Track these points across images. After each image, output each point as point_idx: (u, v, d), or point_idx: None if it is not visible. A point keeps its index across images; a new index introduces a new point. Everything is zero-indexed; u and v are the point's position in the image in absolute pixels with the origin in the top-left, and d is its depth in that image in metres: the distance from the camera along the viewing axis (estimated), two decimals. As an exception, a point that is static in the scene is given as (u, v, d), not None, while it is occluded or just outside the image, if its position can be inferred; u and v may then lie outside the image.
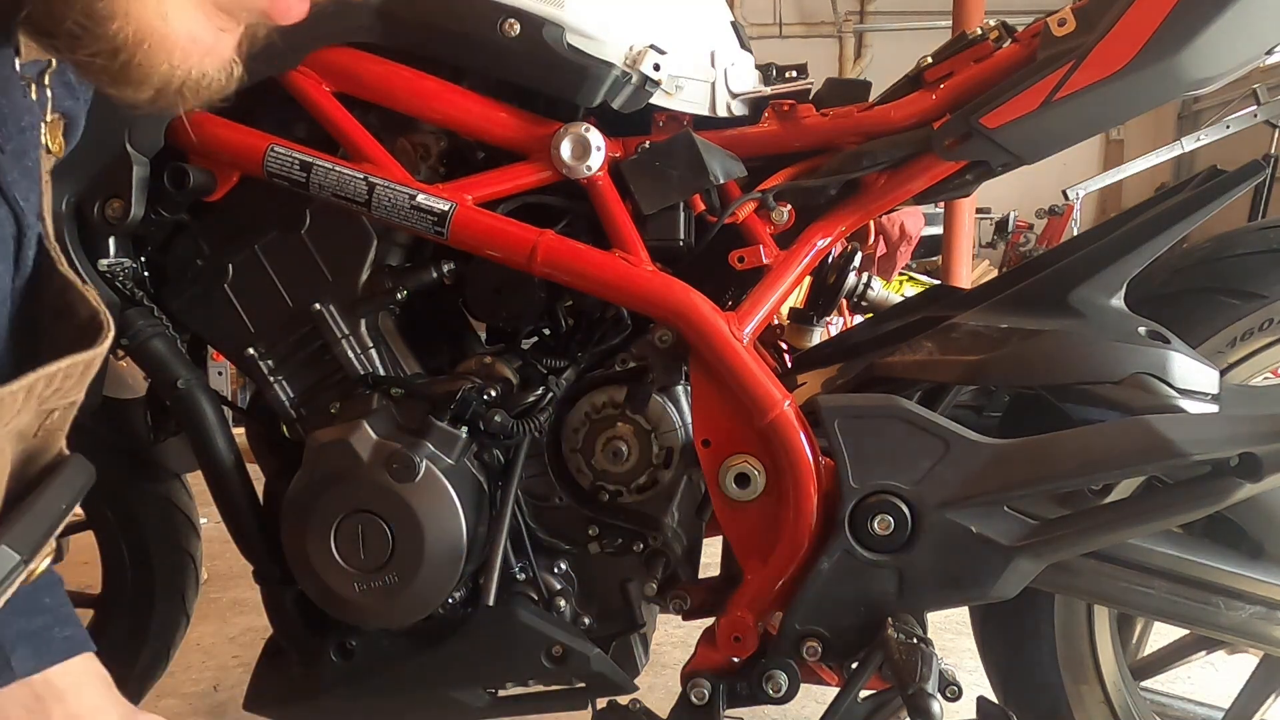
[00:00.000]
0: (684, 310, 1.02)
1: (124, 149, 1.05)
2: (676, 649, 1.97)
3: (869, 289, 1.42)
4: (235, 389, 3.71)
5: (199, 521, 1.59)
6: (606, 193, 1.07)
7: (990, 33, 1.07)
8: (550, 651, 1.09)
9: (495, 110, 1.08)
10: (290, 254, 1.12)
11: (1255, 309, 1.05)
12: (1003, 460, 0.98)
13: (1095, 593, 1.08)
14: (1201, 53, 0.95)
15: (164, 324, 1.14)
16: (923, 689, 0.91)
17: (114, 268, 1.12)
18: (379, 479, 1.06)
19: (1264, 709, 1.22)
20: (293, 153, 1.05)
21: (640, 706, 1.11)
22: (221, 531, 1.20)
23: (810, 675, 1.11)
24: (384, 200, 1.04)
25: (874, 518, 0.99)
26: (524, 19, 1.02)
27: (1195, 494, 0.97)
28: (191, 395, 1.13)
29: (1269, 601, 1.05)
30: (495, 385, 1.09)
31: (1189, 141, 5.12)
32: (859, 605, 1.02)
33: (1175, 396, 0.95)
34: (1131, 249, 1.01)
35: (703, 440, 1.04)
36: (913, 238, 2.60)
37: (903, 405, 1.00)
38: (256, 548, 1.17)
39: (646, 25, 1.07)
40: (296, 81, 1.07)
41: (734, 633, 1.07)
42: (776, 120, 1.11)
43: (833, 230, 1.11)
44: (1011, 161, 1.02)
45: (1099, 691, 1.18)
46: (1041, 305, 1.02)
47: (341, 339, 1.11)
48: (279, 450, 1.19)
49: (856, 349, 1.22)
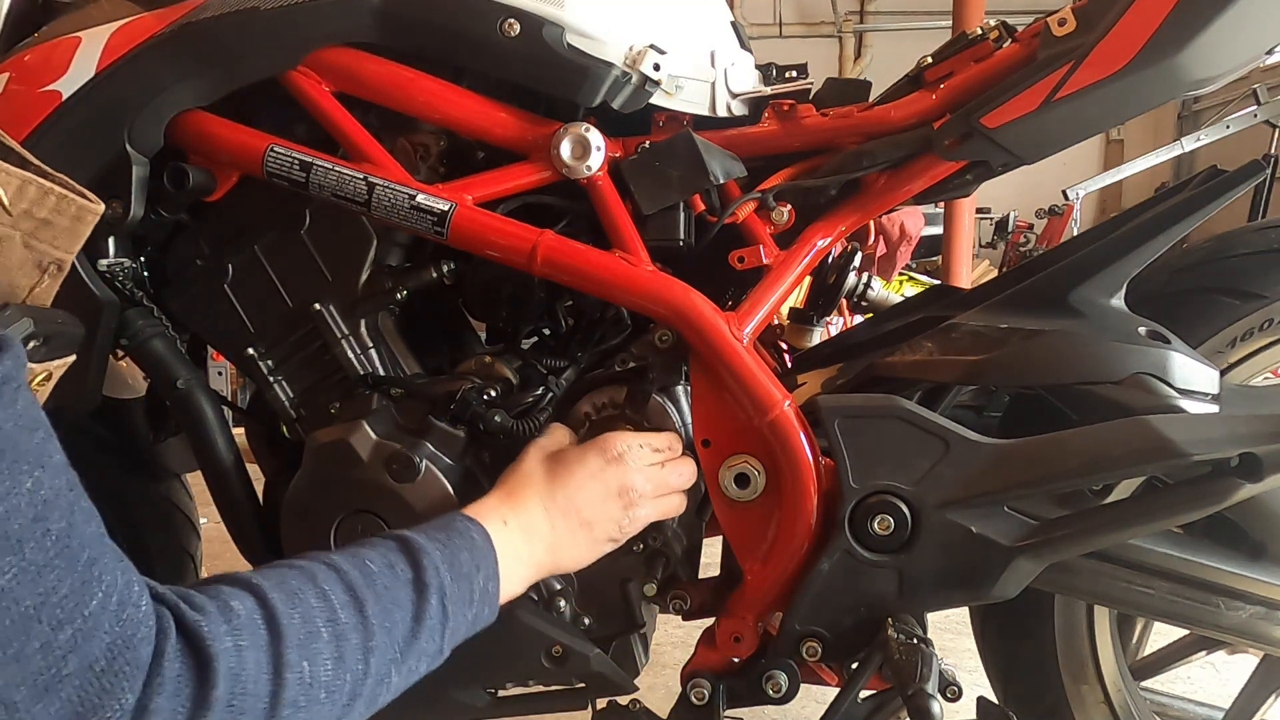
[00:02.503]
0: (684, 310, 1.02)
1: (124, 149, 1.05)
2: (676, 649, 1.97)
3: (869, 289, 1.42)
4: (235, 389, 3.72)
5: (199, 521, 1.59)
6: (606, 193, 1.07)
7: (990, 33, 1.07)
8: (550, 651, 1.09)
9: (495, 110, 1.08)
10: (290, 254, 1.12)
11: (1255, 309, 1.05)
12: (1003, 460, 0.98)
13: (1095, 593, 1.08)
14: (1201, 53, 0.95)
15: (164, 324, 1.14)
16: (923, 689, 0.91)
17: (114, 268, 1.12)
18: (379, 479, 1.06)
19: (1264, 709, 1.22)
20: (293, 153, 1.05)
21: (640, 706, 1.11)
22: (221, 531, 1.20)
23: (810, 675, 1.11)
24: (384, 200, 1.03)
25: (874, 518, 0.99)
26: (524, 19, 1.02)
27: (1195, 494, 0.97)
28: (191, 395, 1.13)
29: (1269, 601, 1.05)
30: (495, 385, 1.09)
31: (1189, 141, 5.12)
32: (859, 605, 1.02)
33: (1175, 396, 0.95)
34: (1131, 249, 1.01)
35: (703, 440, 1.04)
36: (913, 238, 2.59)
37: (903, 405, 1.00)
38: (256, 548, 1.17)
39: (646, 25, 1.07)
40: (296, 81, 1.06)
41: (734, 633, 1.07)
42: (776, 120, 1.11)
43: (833, 230, 1.11)
44: (1011, 161, 1.02)
45: (1099, 691, 1.18)
46: (1041, 305, 1.02)
47: (341, 339, 1.11)
48: (279, 450, 1.19)
49: (856, 349, 1.21)
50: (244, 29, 1.05)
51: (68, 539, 0.53)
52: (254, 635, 0.62)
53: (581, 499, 0.95)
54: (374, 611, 0.71)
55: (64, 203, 0.69)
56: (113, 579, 0.55)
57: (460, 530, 0.85)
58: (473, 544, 0.84)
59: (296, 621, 0.65)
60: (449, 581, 0.78)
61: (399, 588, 0.75)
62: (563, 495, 0.95)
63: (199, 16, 1.05)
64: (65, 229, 0.70)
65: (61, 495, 0.54)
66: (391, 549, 0.78)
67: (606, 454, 0.97)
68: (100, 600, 0.54)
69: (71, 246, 0.71)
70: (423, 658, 0.76)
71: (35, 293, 0.70)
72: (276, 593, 0.66)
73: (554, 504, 0.94)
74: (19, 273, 0.69)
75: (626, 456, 0.98)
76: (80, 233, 0.72)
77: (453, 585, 0.79)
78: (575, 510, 0.95)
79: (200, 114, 1.07)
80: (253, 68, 1.06)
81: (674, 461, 1.03)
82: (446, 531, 0.83)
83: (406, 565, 0.77)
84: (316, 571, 0.71)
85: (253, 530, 1.16)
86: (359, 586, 0.72)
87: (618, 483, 0.97)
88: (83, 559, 0.54)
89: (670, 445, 1.04)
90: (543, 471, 0.96)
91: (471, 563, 0.83)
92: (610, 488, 0.97)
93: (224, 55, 1.05)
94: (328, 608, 0.69)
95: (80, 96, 1.05)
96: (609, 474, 0.97)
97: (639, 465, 0.98)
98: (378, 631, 0.71)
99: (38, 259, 0.69)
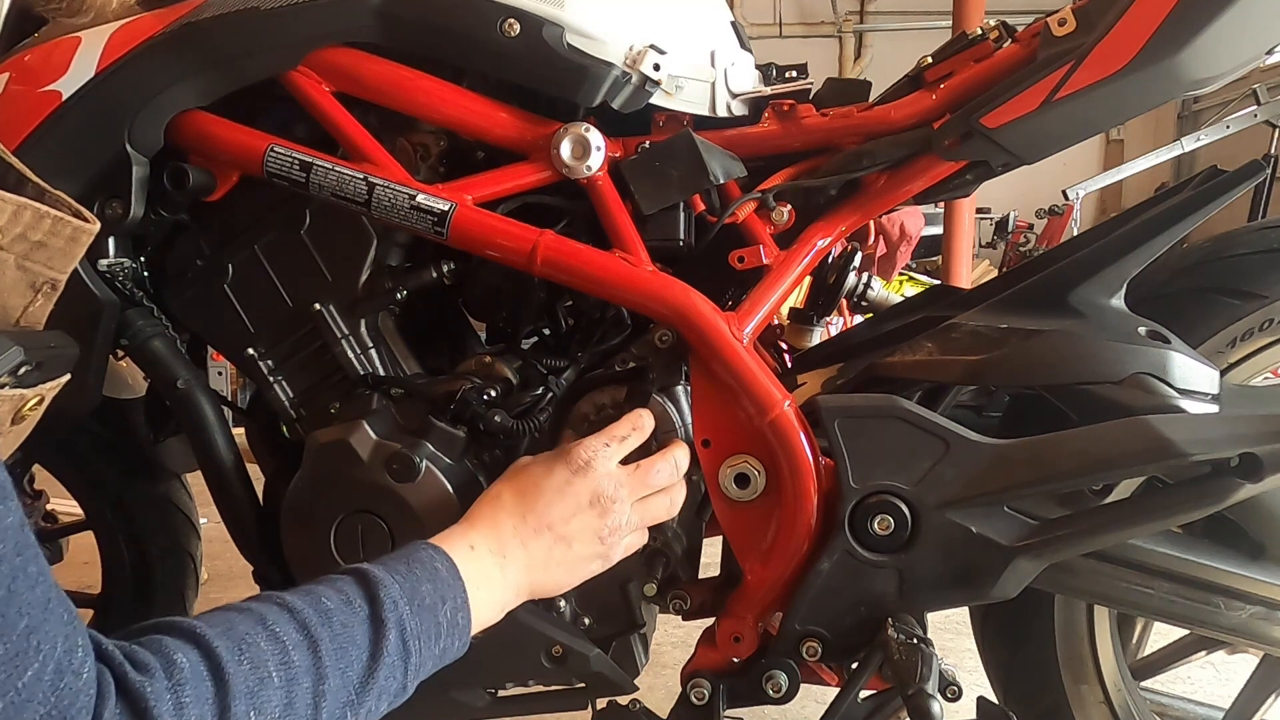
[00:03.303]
0: (684, 310, 1.02)
1: (124, 149, 1.05)
2: (676, 649, 1.97)
3: (869, 289, 1.42)
4: (235, 389, 3.72)
5: (199, 521, 1.60)
6: (606, 193, 1.07)
7: (990, 33, 1.07)
8: (550, 651, 1.09)
9: (495, 110, 1.08)
10: (290, 254, 1.12)
11: (1255, 309, 1.05)
12: (1003, 460, 0.98)
13: (1095, 593, 1.08)
14: (1201, 53, 0.94)
15: (164, 324, 1.14)
16: (923, 689, 0.91)
17: (114, 268, 1.12)
18: (379, 479, 1.06)
19: (1264, 709, 1.22)
20: (293, 153, 1.05)
21: (640, 706, 1.11)
22: (221, 531, 1.20)
23: (810, 675, 1.11)
24: (384, 200, 1.03)
25: (874, 518, 0.99)
26: (524, 19, 1.02)
27: (1195, 494, 0.97)
28: (191, 395, 1.13)
29: (1269, 601, 1.05)
30: (495, 385, 1.09)
31: (1189, 141, 5.12)
32: (859, 605, 1.02)
33: (1175, 396, 0.95)
34: (1131, 249, 1.01)
35: (703, 440, 1.04)
36: (913, 238, 2.58)
37: (903, 405, 1.00)
38: (256, 548, 1.17)
39: (646, 25, 1.07)
40: (296, 81, 1.06)
41: (734, 633, 1.07)
42: (776, 120, 1.11)
43: (833, 230, 1.11)
44: (1011, 161, 1.02)
45: (1099, 691, 1.18)
46: (1041, 305, 1.01)
47: (341, 339, 1.11)
48: (279, 450, 1.19)
49: (856, 349, 1.21)
50: (244, 29, 1.05)
51: (4, 608, 0.51)
52: (198, 690, 0.60)
53: (554, 515, 0.91)
54: (328, 651, 0.68)
55: (59, 225, 0.68)
56: (51, 647, 0.53)
57: (422, 560, 0.81)
58: (435, 574, 0.80)
59: (245, 669, 0.63)
60: (409, 615, 0.75)
61: (355, 624, 0.72)
62: (532, 515, 0.90)
63: (199, 16, 1.05)
64: (60, 250, 0.70)
65: (5, 561, 0.52)
66: (348, 583, 0.75)
67: (573, 464, 0.93)
68: (36, 670, 0.52)
69: (66, 266, 0.71)
70: (383, 696, 0.73)
71: (29, 311, 0.70)
72: (223, 641, 0.63)
73: (525, 524, 0.90)
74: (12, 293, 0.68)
75: (594, 463, 0.93)
76: (75, 253, 0.71)
77: (414, 619, 0.75)
78: (548, 527, 0.90)
79: (200, 114, 1.07)
80: (253, 68, 1.06)
81: (656, 458, 0.99)
82: (408, 562, 0.79)
83: (363, 600, 0.73)
84: (267, 613, 0.68)
85: (253, 530, 1.16)
86: (313, 625, 0.69)
87: (588, 492, 0.92)
88: (19, 628, 0.51)
89: (636, 426, 0.99)
90: (511, 492, 0.92)
91: (435, 594, 0.78)
92: (581, 499, 0.92)
93: (224, 55, 1.05)
94: (279, 650, 0.66)
95: (80, 96, 1.05)
96: (577, 485, 0.92)
97: (607, 470, 0.94)
98: (331, 674, 0.68)
99: (31, 279, 0.69)
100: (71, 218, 0.69)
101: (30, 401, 0.70)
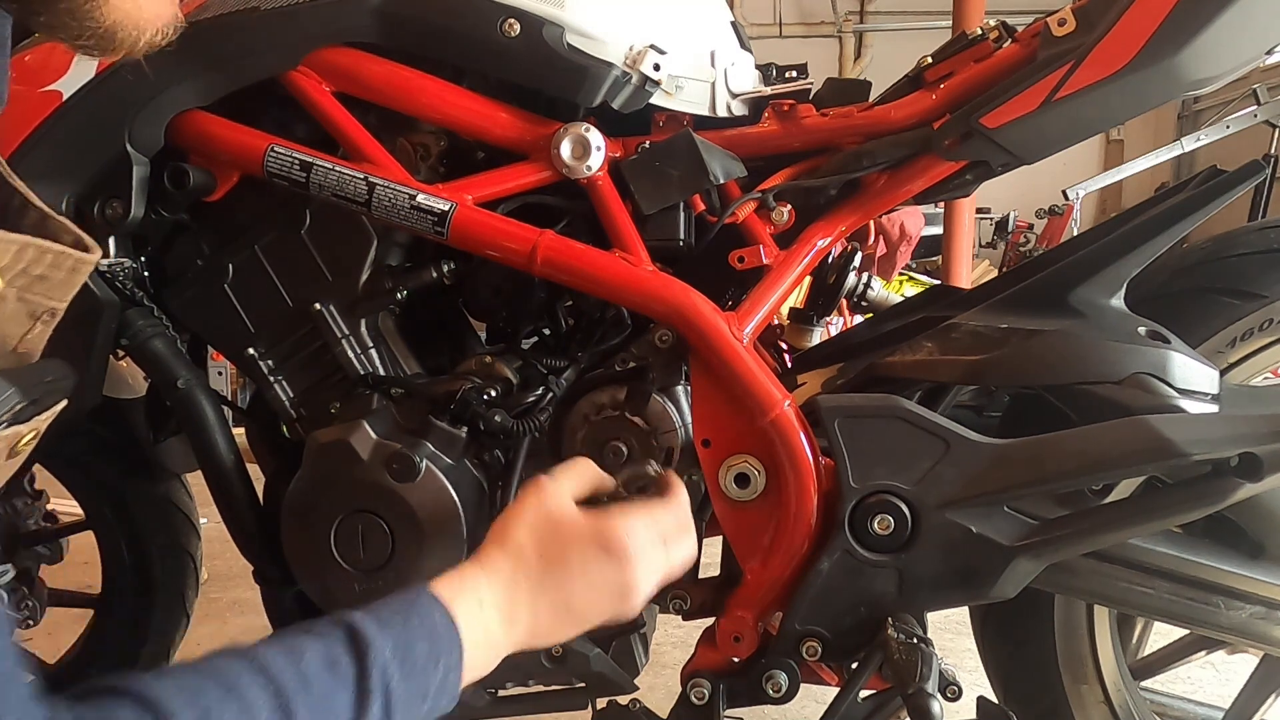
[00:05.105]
0: (684, 310, 1.02)
1: (124, 149, 1.05)
2: (676, 649, 1.97)
3: (869, 289, 1.42)
4: (235, 389, 3.72)
5: (199, 521, 1.59)
6: (606, 193, 1.07)
7: (990, 33, 1.07)
8: (550, 651, 1.09)
9: (495, 110, 1.08)
10: (290, 254, 1.12)
11: (1255, 309, 1.05)
12: (1003, 460, 0.98)
13: (1095, 593, 1.08)
14: (1201, 53, 0.95)
15: (164, 324, 1.14)
16: (923, 689, 0.91)
17: (114, 268, 1.12)
18: (379, 479, 1.06)
19: (1264, 709, 1.22)
20: (293, 153, 1.05)
21: (640, 706, 1.11)
22: (221, 531, 1.20)
23: (810, 675, 1.11)
24: (384, 200, 1.04)
25: (874, 518, 0.99)
26: (524, 19, 1.02)
27: (1195, 494, 0.97)
28: (191, 395, 1.13)
29: (1269, 601, 1.04)
30: (495, 385, 1.09)
31: (1189, 141, 5.11)
32: (859, 605, 1.02)
33: (1175, 396, 0.95)
34: (1131, 249, 1.01)
35: (703, 440, 1.04)
36: (913, 238, 2.58)
37: (903, 405, 1.00)
38: (256, 548, 1.17)
39: (646, 25, 1.07)
40: (296, 81, 1.07)
41: (734, 633, 1.07)
42: (776, 120, 1.11)
43: (833, 230, 1.11)
44: (1011, 161, 1.03)
45: (1099, 691, 1.18)
46: (1041, 305, 1.02)
47: (341, 339, 1.11)
48: (279, 450, 1.19)
49: (856, 349, 1.21)
50: (244, 29, 1.05)
51: None
52: None
53: (575, 589, 0.84)
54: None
55: (61, 259, 0.68)
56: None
57: (423, 612, 0.75)
58: (434, 633, 0.74)
59: None
60: (397, 680, 0.69)
61: (337, 694, 0.66)
62: (553, 583, 0.83)
63: (199, 16, 1.05)
64: (61, 281, 0.69)
65: None
66: (337, 641, 0.69)
67: (613, 550, 0.84)
68: None
69: (66, 296, 0.70)
70: None
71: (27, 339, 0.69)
72: (186, 714, 0.58)
73: (543, 591, 0.83)
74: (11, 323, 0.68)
75: (640, 558, 0.85)
76: (76, 282, 0.70)
77: (402, 685, 0.69)
78: (564, 600, 0.83)
79: (200, 114, 1.07)
80: (253, 68, 1.06)
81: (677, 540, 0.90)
82: (406, 615, 0.73)
83: (350, 662, 0.67)
84: (239, 678, 0.62)
85: (253, 530, 1.16)
86: (290, 693, 0.62)
87: (620, 583, 0.85)
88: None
89: (680, 524, 0.91)
90: (536, 550, 0.83)
91: (430, 655, 0.73)
92: (612, 587, 0.85)
93: (224, 55, 1.05)
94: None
95: (81, 96, 1.05)
96: (612, 573, 0.84)
97: (650, 567, 0.86)
98: None
99: (31, 309, 0.68)
100: (73, 250, 0.69)
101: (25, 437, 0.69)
